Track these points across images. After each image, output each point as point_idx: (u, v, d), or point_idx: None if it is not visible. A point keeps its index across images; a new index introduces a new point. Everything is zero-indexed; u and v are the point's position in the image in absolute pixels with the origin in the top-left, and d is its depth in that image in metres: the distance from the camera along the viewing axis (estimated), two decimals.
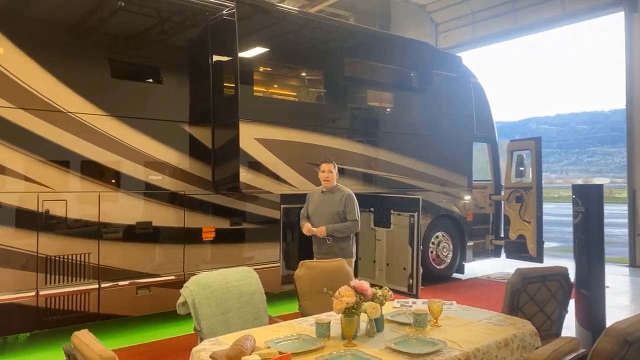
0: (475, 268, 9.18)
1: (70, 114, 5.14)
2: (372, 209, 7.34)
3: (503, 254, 9.13)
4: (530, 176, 8.39)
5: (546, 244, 8.63)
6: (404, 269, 6.82)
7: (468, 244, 8.80)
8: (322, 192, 5.10)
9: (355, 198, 5.04)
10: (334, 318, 2.88)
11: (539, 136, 8.54)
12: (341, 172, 6.99)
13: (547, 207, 9.19)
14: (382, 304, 2.85)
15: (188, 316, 3.49)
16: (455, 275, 8.71)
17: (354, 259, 5.11)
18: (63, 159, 5.10)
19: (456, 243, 8.66)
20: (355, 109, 7.66)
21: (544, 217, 8.25)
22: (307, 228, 5.02)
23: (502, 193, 9.09)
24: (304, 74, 7.32)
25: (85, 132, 5.22)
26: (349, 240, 5.05)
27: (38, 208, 4.92)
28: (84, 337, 2.06)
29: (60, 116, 5.07)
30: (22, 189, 4.86)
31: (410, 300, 3.67)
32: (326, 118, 7.07)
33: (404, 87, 8.48)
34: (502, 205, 9.00)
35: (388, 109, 8.28)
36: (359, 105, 7.79)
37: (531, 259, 8.00)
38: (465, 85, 8.97)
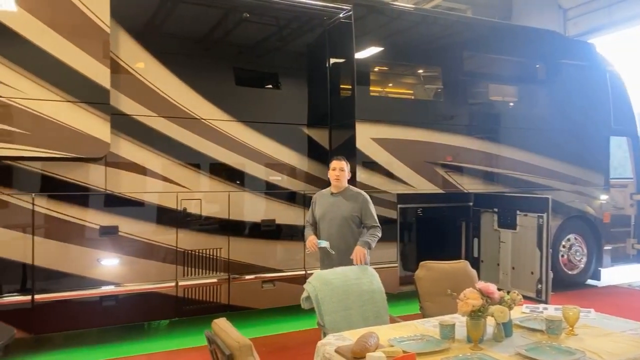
0: (614, 275, 8.33)
1: (203, 121, 5.59)
2: (495, 209, 6.99)
3: None
4: None
5: None
6: (532, 273, 6.40)
7: (605, 248, 8.01)
8: (332, 193, 4.46)
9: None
10: (458, 320, 2.81)
11: None
12: (461, 170, 6.82)
13: None
14: (510, 308, 2.72)
15: (311, 311, 3.61)
16: (590, 281, 7.98)
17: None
18: (197, 162, 5.57)
19: (591, 247, 7.93)
20: (475, 105, 7.37)
21: None
22: (311, 242, 4.25)
23: None
24: (420, 71, 7.21)
25: (215, 136, 5.65)
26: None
27: (177, 206, 5.44)
28: (222, 325, 2.23)
29: (194, 123, 5.54)
30: (164, 189, 5.40)
31: (541, 305, 3.45)
32: (444, 115, 6.89)
33: (529, 80, 7.96)
34: None
35: (512, 103, 7.84)
36: (480, 101, 7.48)
37: None
38: (599, 75, 8.19)
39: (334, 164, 4.43)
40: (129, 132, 5.23)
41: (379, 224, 4.38)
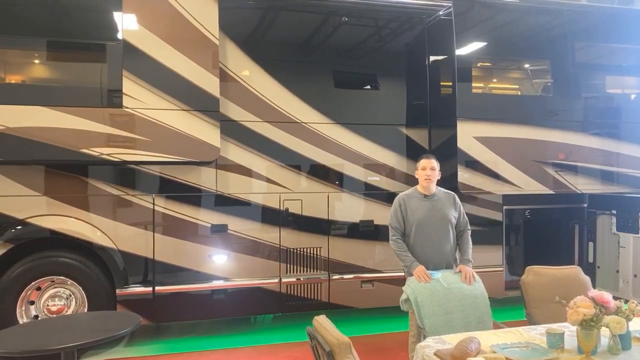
0: None
1: (303, 124, 5.78)
2: (614, 211, 6.43)
3: None
4: None
5: None
6: None
7: None
8: (424, 196, 4.06)
9: None
10: (567, 329, 2.65)
11: None
12: (573, 169, 6.36)
13: None
14: (629, 319, 2.51)
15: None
16: None
17: None
18: (298, 164, 5.77)
19: None
20: (589, 99, 6.81)
21: None
22: (422, 274, 3.73)
23: None
24: (527, 66, 6.83)
25: (315, 139, 5.81)
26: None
27: (280, 206, 5.68)
28: (323, 322, 2.32)
29: (296, 126, 5.75)
30: (268, 190, 5.66)
31: None
32: (554, 111, 6.46)
33: None
34: None
35: (633, 95, 7.14)
36: (595, 94, 6.90)
37: None
38: None
39: (424, 162, 4.05)
40: (236, 137, 5.55)
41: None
